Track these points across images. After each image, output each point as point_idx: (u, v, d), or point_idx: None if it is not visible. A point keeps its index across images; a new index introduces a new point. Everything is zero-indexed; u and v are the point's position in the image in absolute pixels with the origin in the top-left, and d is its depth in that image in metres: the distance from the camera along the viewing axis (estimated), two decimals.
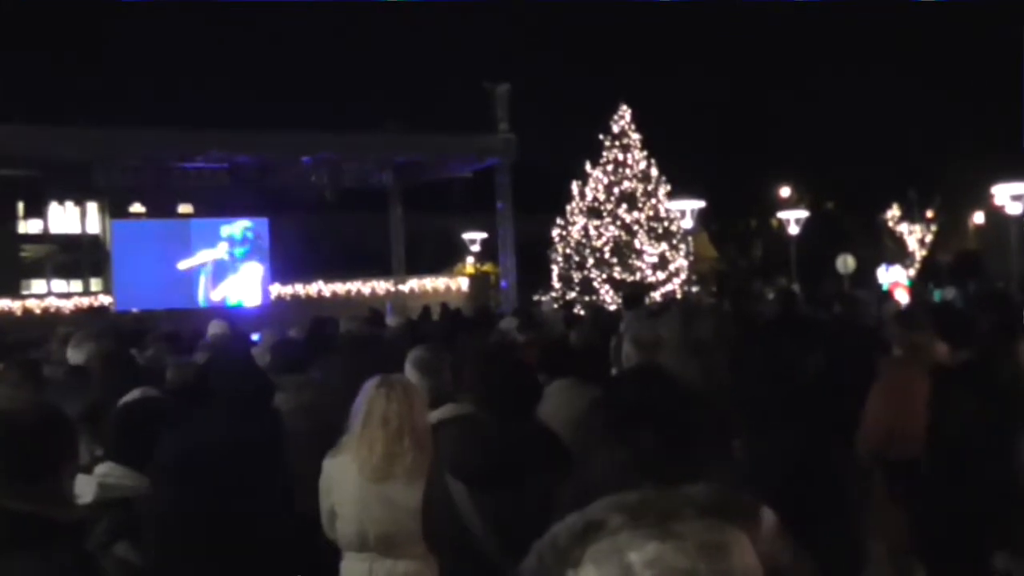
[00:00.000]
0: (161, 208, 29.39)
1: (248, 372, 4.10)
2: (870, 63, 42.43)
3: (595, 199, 26.81)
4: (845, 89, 41.72)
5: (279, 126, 24.09)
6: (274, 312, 23.07)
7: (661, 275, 26.19)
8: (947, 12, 34.98)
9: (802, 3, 36.32)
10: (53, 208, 41.96)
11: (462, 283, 30.62)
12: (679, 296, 24.31)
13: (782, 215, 31.05)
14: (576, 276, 26.55)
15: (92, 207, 41.90)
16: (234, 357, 4.57)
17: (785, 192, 38.52)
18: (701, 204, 26.04)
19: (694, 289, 26.36)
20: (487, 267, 33.29)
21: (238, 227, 25.58)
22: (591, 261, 26.39)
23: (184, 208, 34.40)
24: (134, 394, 3.83)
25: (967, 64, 39.30)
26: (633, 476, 1.68)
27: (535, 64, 48.52)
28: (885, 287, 26.42)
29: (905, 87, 38.75)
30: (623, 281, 25.69)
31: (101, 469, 2.89)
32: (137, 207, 35.27)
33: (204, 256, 23.36)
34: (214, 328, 8.40)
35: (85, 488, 2.88)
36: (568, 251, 26.89)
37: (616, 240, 26.29)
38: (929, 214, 37.75)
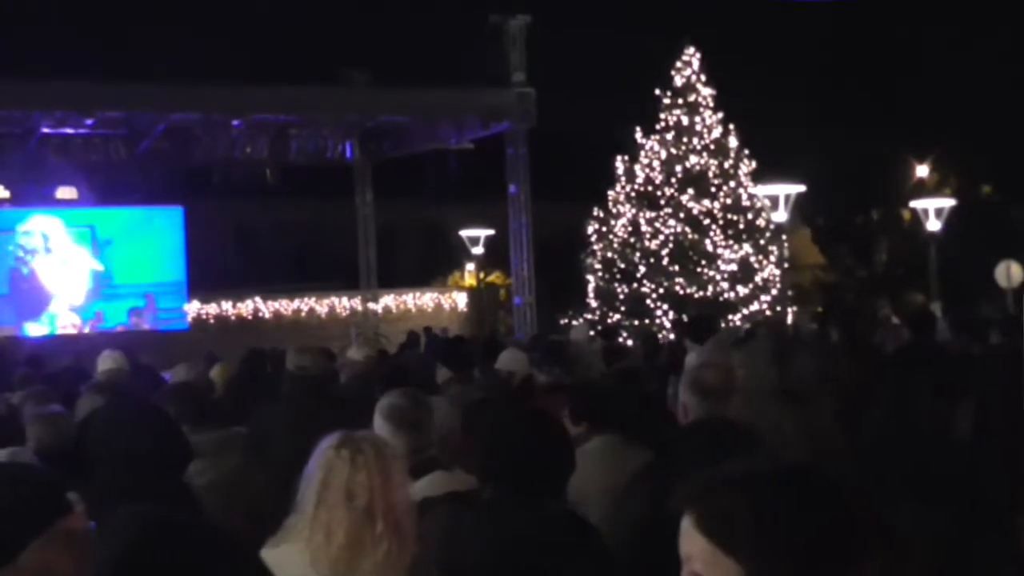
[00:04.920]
0: (31, 192, 29.48)
1: (150, 428, 4.10)
2: None
3: (649, 181, 26.82)
4: (1012, 29, 41.57)
5: (199, 76, 24.19)
6: (193, 339, 23.14)
7: (743, 290, 26.15)
8: None
9: None
10: None
11: (458, 299, 30.66)
12: (768, 320, 24.26)
13: (917, 204, 30.96)
14: (621, 290, 26.54)
15: None
16: (130, 406, 4.57)
17: (922, 172, 38.47)
18: (800, 189, 26.01)
19: (790, 310, 26.31)
20: (494, 277, 33.34)
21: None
22: (643, 269, 26.38)
23: (65, 192, 34.54)
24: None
25: None
26: None
27: None
28: None
29: None
30: (689, 298, 25.66)
31: None
32: None
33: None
34: (106, 362, 8.39)
35: None
36: (610, 255, 26.89)
37: (679, 239, 26.29)
38: None
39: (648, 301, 26.17)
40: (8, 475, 2.68)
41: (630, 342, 19.93)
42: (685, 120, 26.79)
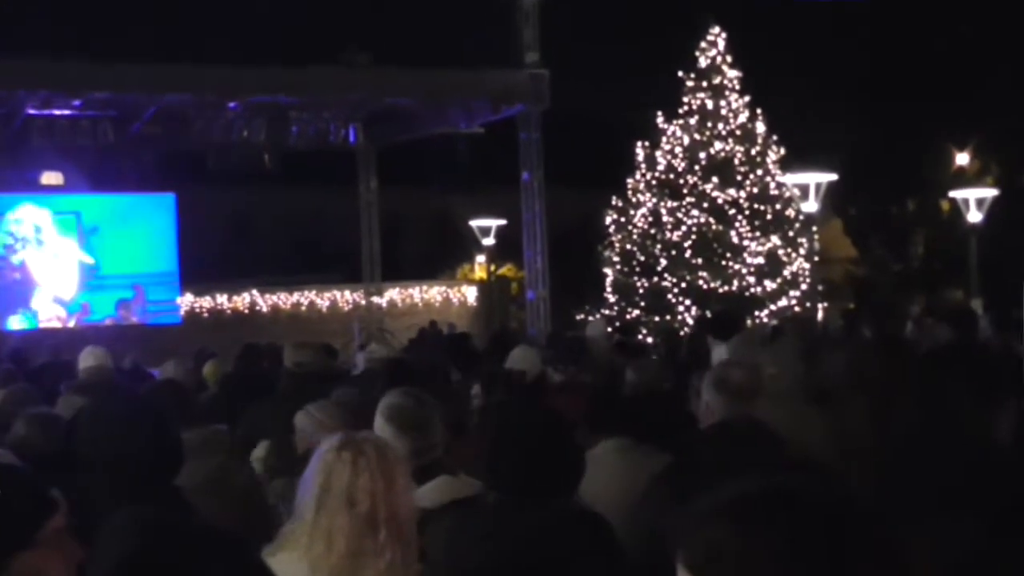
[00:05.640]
0: (15, 177, 29.58)
1: (140, 428, 4.10)
2: None
3: (670, 168, 26.80)
4: None
5: (193, 57, 24.23)
6: (185, 334, 23.20)
7: (770, 284, 26.12)
8: None
9: None
10: None
11: (468, 293, 30.69)
12: (797, 317, 24.24)
13: (957, 194, 30.89)
14: (641, 285, 26.53)
15: None
16: (119, 405, 4.57)
17: (962, 160, 38.36)
18: (831, 177, 25.95)
19: (820, 306, 26.28)
20: (505, 270, 33.34)
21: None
22: (664, 262, 26.37)
23: (50, 177, 34.68)
24: None
25: None
26: None
27: None
28: None
29: None
30: (712, 293, 25.64)
31: None
32: None
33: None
34: (88, 360, 8.39)
35: None
36: (629, 247, 26.89)
37: (702, 231, 26.26)
38: None
39: (669, 296, 26.16)
40: None
41: (650, 339, 19.94)
42: (710, 104, 26.75)
